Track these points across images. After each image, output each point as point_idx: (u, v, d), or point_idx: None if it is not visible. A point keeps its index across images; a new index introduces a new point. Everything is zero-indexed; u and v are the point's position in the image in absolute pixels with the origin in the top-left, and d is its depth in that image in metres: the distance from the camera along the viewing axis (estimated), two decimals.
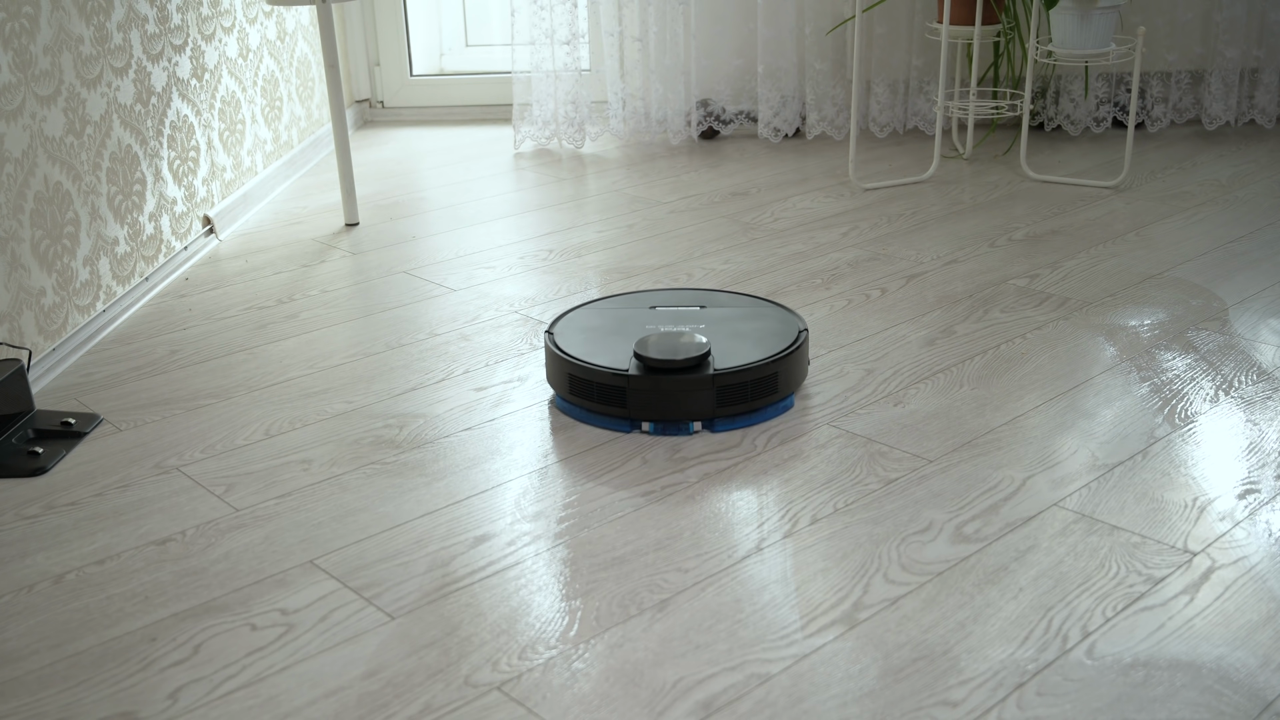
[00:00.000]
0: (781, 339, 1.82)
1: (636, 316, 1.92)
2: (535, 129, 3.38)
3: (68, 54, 2.11)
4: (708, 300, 1.97)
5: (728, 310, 1.93)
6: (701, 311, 1.92)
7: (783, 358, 1.76)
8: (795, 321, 1.88)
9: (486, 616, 1.33)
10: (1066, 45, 2.74)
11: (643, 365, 1.73)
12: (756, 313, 1.92)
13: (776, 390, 1.76)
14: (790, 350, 1.78)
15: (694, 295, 2.00)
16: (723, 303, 1.96)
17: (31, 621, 1.35)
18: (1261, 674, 1.19)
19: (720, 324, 1.88)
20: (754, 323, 1.89)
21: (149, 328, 2.21)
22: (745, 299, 1.99)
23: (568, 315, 1.94)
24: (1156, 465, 1.59)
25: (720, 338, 1.83)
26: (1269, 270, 2.26)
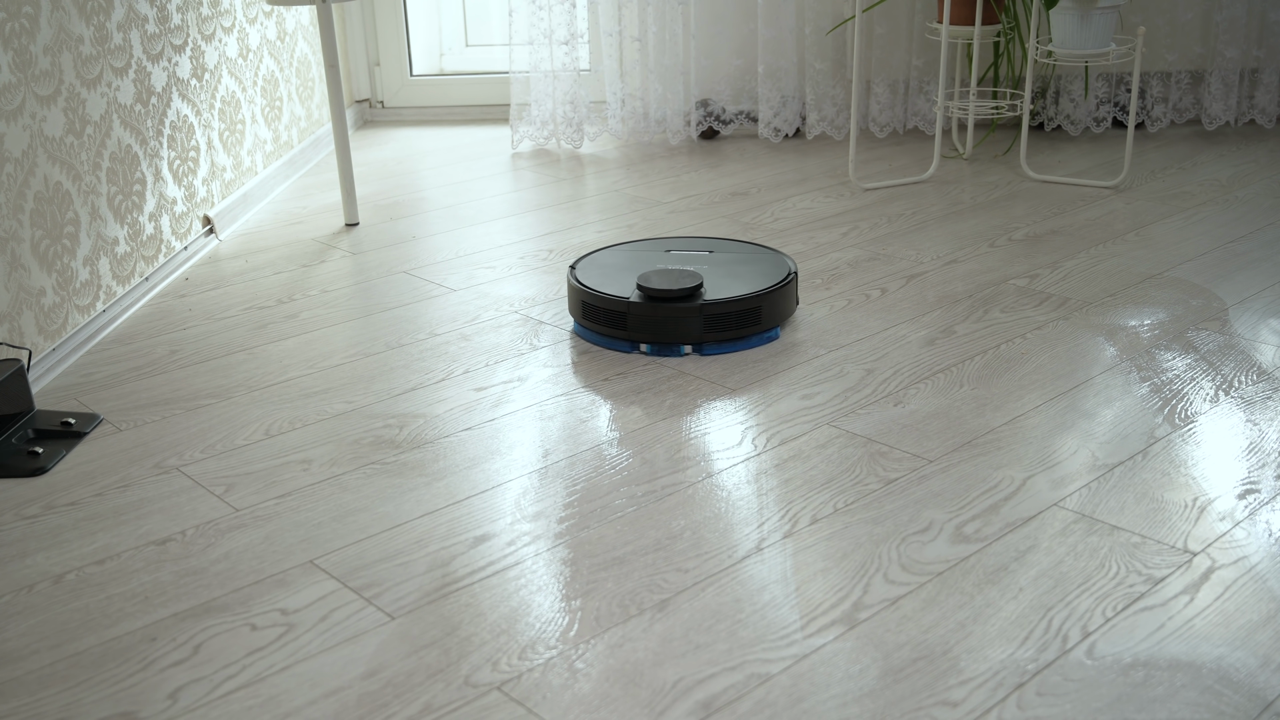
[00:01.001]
0: (770, 278, 2.06)
1: (650, 257, 2.18)
2: (533, 129, 3.38)
3: (68, 54, 2.11)
4: (717, 246, 2.21)
5: (732, 254, 2.18)
6: (709, 255, 2.17)
7: (767, 294, 2.00)
8: (788, 264, 2.12)
9: (486, 616, 1.33)
10: (1066, 45, 2.75)
11: (643, 294, 1.98)
12: (756, 257, 2.17)
13: (760, 322, 2.00)
14: (775, 288, 2.02)
15: (706, 242, 2.25)
16: (729, 249, 2.21)
17: (31, 621, 1.35)
18: (1261, 674, 1.19)
19: (722, 265, 2.13)
20: (751, 265, 2.12)
21: (149, 328, 2.21)
22: (751, 246, 2.23)
23: (591, 255, 2.20)
24: (1156, 465, 1.59)
25: (717, 276, 2.07)
26: (1269, 270, 2.26)
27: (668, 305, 1.95)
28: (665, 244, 2.21)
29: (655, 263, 2.13)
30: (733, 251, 2.19)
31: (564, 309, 2.22)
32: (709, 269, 2.10)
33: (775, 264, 2.12)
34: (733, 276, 2.06)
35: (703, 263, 2.13)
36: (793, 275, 2.07)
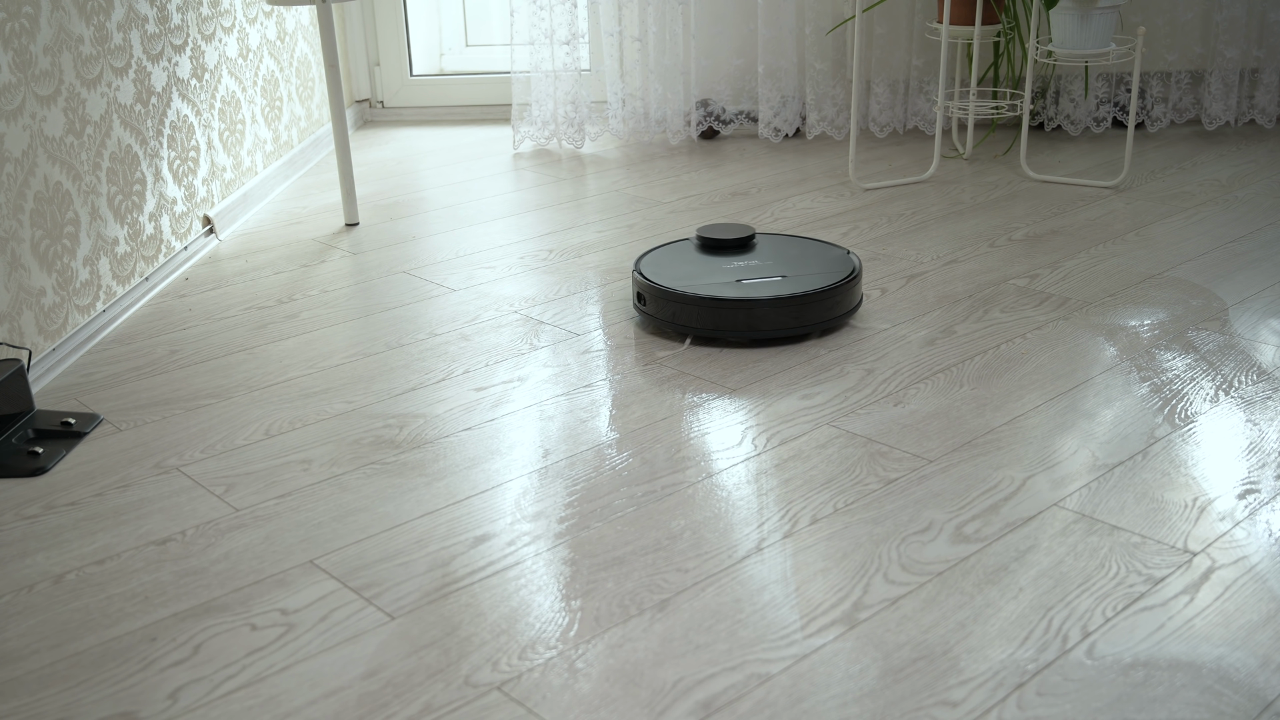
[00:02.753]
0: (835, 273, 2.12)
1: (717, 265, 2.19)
2: (534, 129, 3.38)
3: (68, 54, 2.11)
4: (788, 270, 2.13)
5: (784, 261, 2.18)
6: (774, 273, 2.13)
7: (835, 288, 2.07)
8: (850, 260, 2.17)
9: (486, 616, 1.33)
10: (1066, 45, 2.74)
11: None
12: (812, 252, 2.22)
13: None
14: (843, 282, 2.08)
15: (776, 266, 2.17)
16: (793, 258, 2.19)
17: (31, 621, 1.35)
18: (1261, 674, 1.19)
19: (772, 269, 2.15)
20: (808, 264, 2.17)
21: (149, 328, 2.21)
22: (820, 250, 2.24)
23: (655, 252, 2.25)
24: (1156, 465, 1.59)
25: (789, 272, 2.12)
26: (1269, 270, 2.26)
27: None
28: (735, 269, 2.15)
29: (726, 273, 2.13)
30: (797, 262, 2.16)
31: (564, 309, 2.22)
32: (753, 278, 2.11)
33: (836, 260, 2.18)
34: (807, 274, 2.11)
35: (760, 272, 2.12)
36: (856, 271, 2.11)
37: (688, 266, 2.14)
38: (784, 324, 2.01)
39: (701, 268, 2.13)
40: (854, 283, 2.08)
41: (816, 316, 2.02)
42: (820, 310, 2.02)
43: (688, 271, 2.11)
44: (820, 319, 2.03)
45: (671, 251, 2.22)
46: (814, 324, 2.02)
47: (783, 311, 2.00)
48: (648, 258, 2.19)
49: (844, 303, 2.06)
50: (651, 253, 2.22)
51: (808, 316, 2.01)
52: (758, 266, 2.12)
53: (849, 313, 2.08)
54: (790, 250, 2.20)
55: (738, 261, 2.15)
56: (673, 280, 2.07)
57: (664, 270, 2.12)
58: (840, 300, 2.05)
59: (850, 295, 2.07)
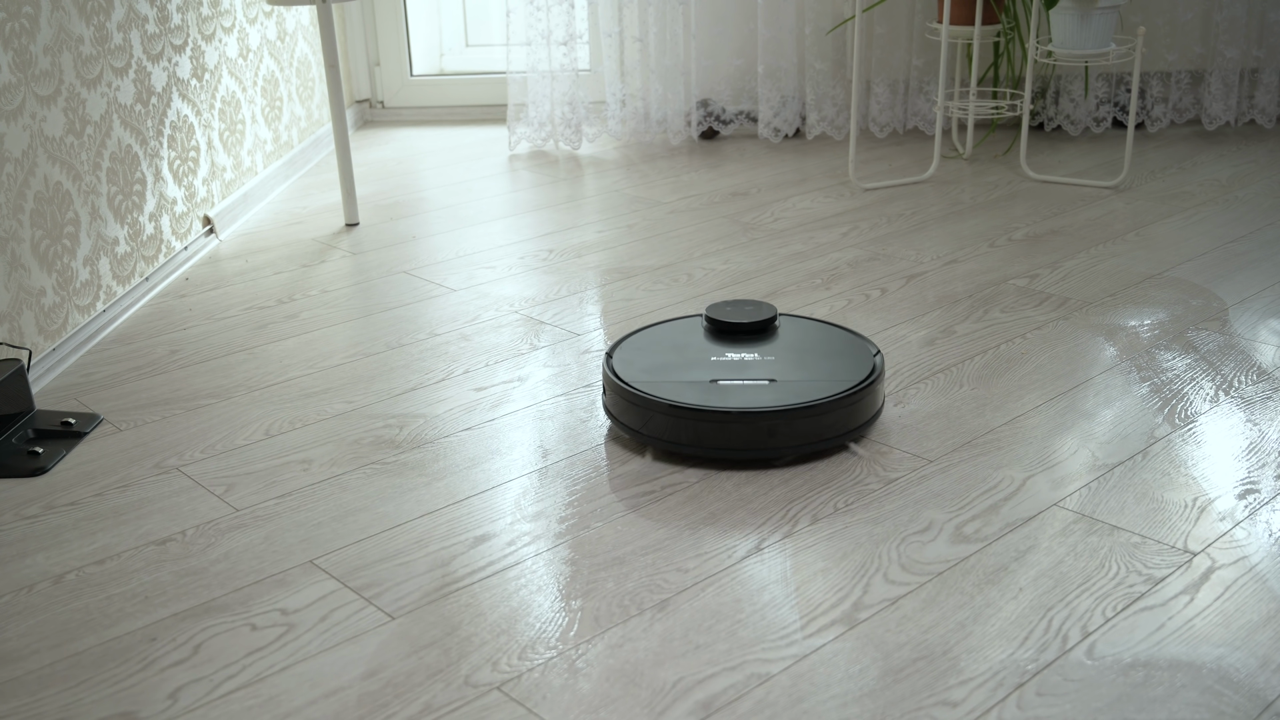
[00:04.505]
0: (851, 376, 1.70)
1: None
2: (531, 130, 3.38)
3: (68, 54, 2.11)
4: (779, 374, 1.71)
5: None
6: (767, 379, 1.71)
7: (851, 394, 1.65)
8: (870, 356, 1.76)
9: (486, 616, 1.33)
10: (1066, 45, 2.75)
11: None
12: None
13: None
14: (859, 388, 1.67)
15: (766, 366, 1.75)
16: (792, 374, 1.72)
17: (31, 621, 1.35)
18: (1261, 674, 1.19)
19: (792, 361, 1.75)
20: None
21: (149, 328, 2.21)
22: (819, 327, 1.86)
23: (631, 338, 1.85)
24: (1156, 465, 1.59)
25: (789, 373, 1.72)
26: (1269, 270, 2.26)
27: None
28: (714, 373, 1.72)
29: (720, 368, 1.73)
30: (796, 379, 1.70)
31: (564, 309, 2.22)
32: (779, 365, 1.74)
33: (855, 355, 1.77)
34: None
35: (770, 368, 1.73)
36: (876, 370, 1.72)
37: (671, 355, 1.76)
38: (751, 443, 1.61)
39: (687, 358, 1.75)
40: (861, 394, 1.66)
41: (791, 437, 1.62)
42: (798, 430, 1.61)
43: (666, 362, 1.74)
44: (796, 441, 1.62)
45: (667, 331, 1.85)
46: (787, 448, 1.62)
47: (750, 428, 1.61)
48: (634, 339, 1.83)
49: (835, 422, 1.63)
50: (642, 332, 1.86)
51: (783, 436, 1.61)
52: (752, 363, 1.73)
53: (846, 433, 1.65)
54: (808, 341, 1.80)
55: (737, 353, 1.76)
56: (641, 372, 1.71)
57: (641, 356, 1.76)
58: (830, 418, 1.63)
59: (850, 412, 1.65)
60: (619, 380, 1.69)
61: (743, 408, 1.61)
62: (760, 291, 2.26)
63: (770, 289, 2.27)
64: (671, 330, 1.85)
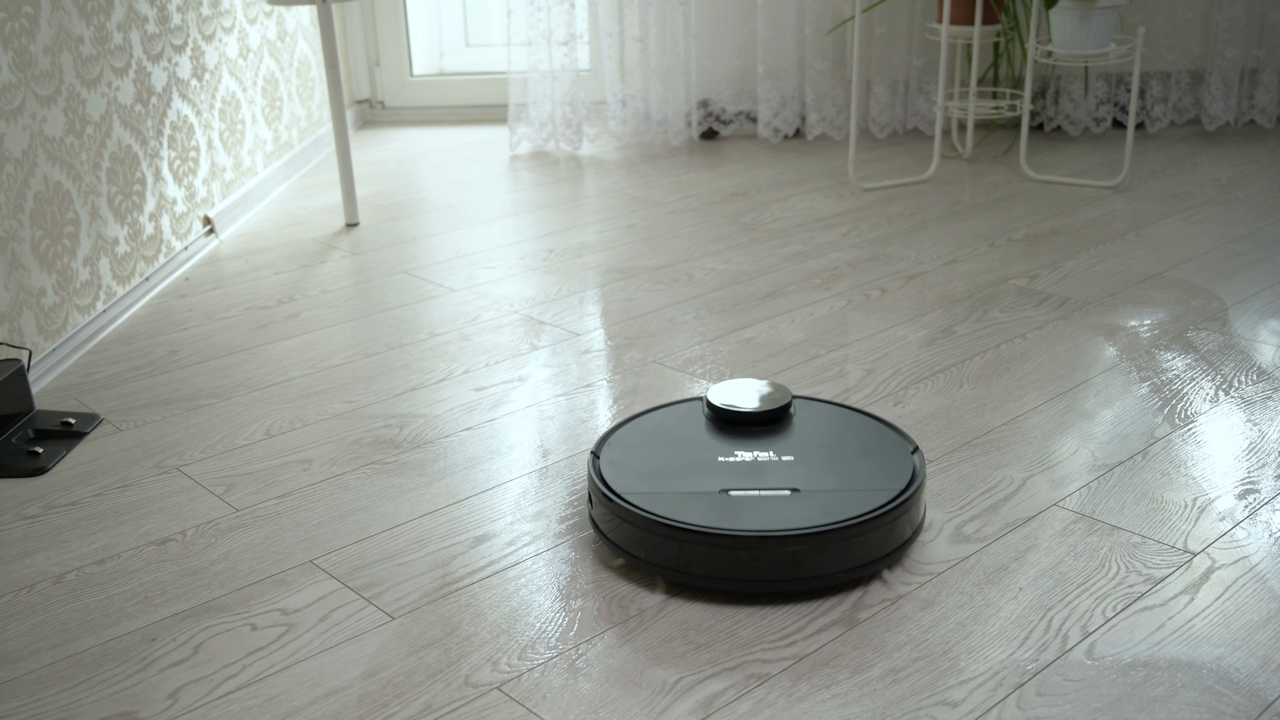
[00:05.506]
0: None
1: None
2: (532, 130, 3.38)
3: (68, 54, 2.11)
4: (801, 483, 1.43)
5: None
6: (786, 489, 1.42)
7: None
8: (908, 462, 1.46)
9: (486, 616, 1.33)
10: (1066, 45, 2.74)
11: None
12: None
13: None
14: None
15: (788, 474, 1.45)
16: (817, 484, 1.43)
17: (31, 621, 1.35)
18: (1261, 674, 1.19)
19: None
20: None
21: (149, 328, 2.21)
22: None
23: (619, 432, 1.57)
24: (1156, 465, 1.59)
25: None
26: (1269, 270, 2.26)
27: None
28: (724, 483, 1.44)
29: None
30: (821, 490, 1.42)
31: (564, 309, 2.22)
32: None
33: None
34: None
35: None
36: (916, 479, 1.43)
37: (671, 454, 1.48)
38: (771, 574, 1.33)
39: (689, 458, 1.47)
40: (904, 507, 1.38)
41: (822, 565, 1.33)
42: (830, 556, 1.33)
43: (666, 464, 1.46)
44: (827, 570, 1.34)
45: (663, 421, 1.57)
46: (818, 577, 1.34)
47: (766, 555, 1.33)
48: (626, 432, 1.55)
49: (877, 542, 1.36)
50: (634, 424, 1.57)
51: (810, 565, 1.33)
52: (767, 465, 1.45)
53: (886, 556, 1.37)
54: (830, 433, 1.53)
55: (748, 451, 1.48)
56: (636, 479, 1.43)
57: (635, 457, 1.48)
58: (871, 540, 1.35)
59: (893, 529, 1.37)
60: (609, 491, 1.41)
61: (764, 530, 1.32)
62: (760, 291, 2.26)
63: (770, 289, 2.27)
64: (668, 420, 1.57)
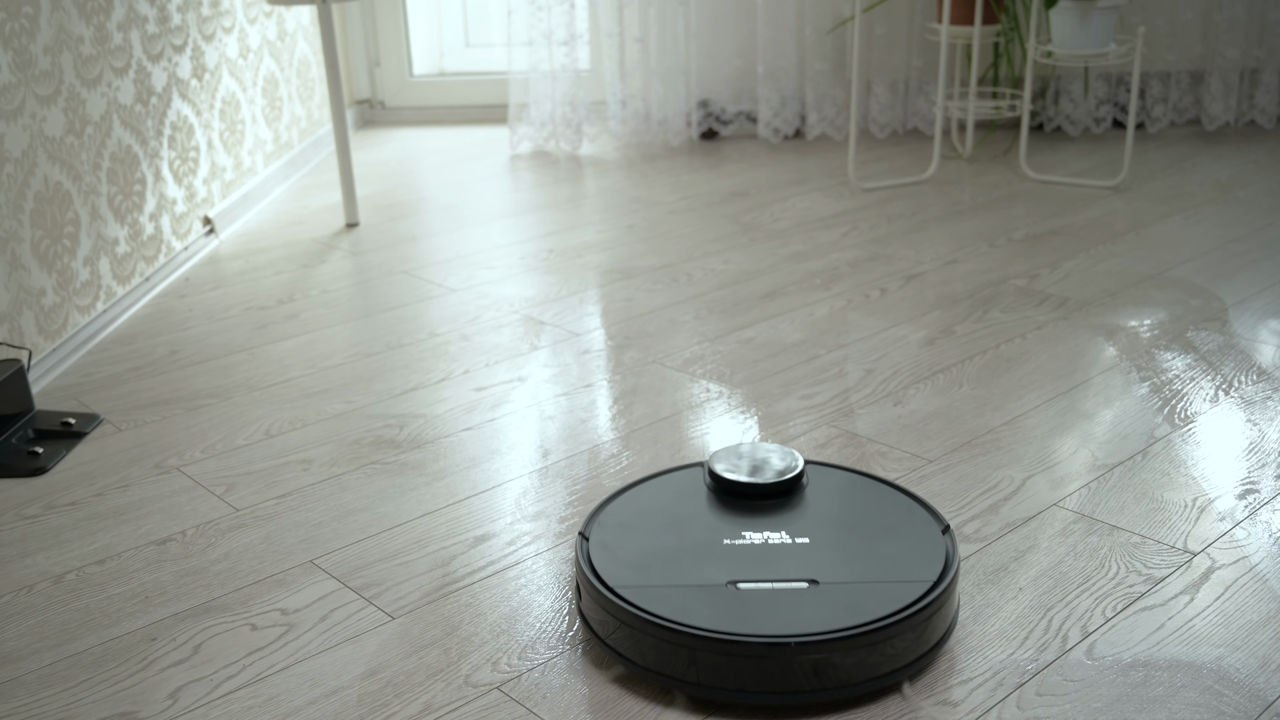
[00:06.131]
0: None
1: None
2: (532, 130, 3.38)
3: (68, 54, 2.11)
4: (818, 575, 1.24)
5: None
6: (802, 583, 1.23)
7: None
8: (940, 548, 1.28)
9: (486, 616, 1.33)
10: (1066, 45, 2.74)
11: None
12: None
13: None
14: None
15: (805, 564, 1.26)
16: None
17: (31, 621, 1.35)
18: (1261, 674, 1.19)
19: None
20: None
21: (149, 328, 2.21)
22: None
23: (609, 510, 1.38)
24: (1156, 465, 1.59)
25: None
26: (1269, 270, 2.26)
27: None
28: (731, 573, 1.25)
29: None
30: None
31: (564, 309, 2.22)
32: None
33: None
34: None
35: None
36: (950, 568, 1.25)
37: (668, 535, 1.30)
38: (788, 684, 1.15)
39: (690, 540, 1.29)
40: (940, 600, 1.21)
41: (848, 674, 1.16)
42: (859, 663, 1.16)
43: (663, 548, 1.28)
44: (854, 679, 1.17)
45: (659, 492, 1.38)
46: (843, 687, 1.16)
47: (779, 666, 1.15)
48: (617, 507, 1.36)
49: (911, 644, 1.19)
50: (626, 496, 1.38)
51: (833, 674, 1.16)
52: (779, 549, 1.27)
53: (916, 661, 1.20)
54: (849, 508, 1.35)
55: (758, 531, 1.30)
56: (629, 567, 1.25)
57: (628, 539, 1.29)
58: (905, 641, 1.18)
59: (928, 626, 1.20)
60: (599, 582, 1.23)
61: (776, 635, 1.14)
62: (760, 291, 2.26)
63: (770, 289, 2.27)
64: (666, 491, 1.39)
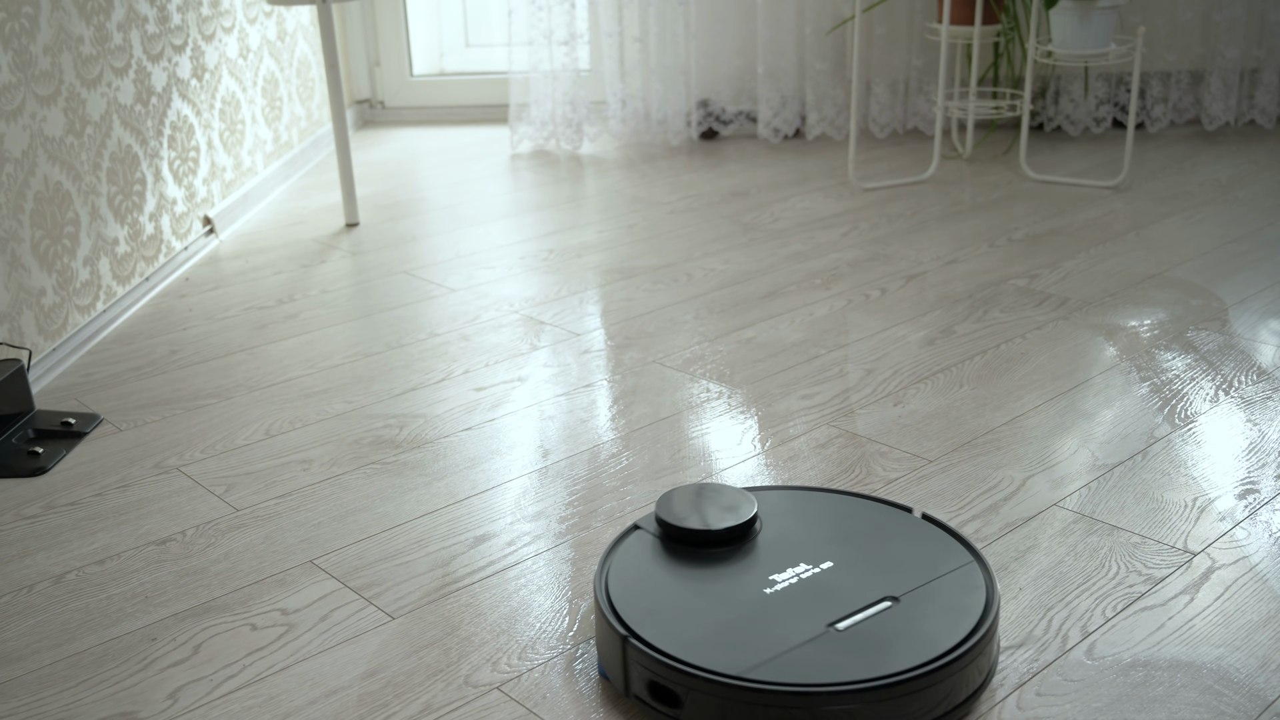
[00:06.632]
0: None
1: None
2: (533, 129, 3.38)
3: (68, 54, 2.11)
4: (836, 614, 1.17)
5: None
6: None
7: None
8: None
9: (486, 616, 1.33)
10: (1066, 45, 2.74)
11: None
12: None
13: None
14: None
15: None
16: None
17: (31, 621, 1.35)
18: (1261, 674, 1.19)
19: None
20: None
21: (149, 328, 2.21)
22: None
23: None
24: (1156, 465, 1.59)
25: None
26: (1269, 270, 2.26)
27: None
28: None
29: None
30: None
31: (564, 309, 2.22)
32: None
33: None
34: None
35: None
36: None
37: (711, 604, 1.19)
38: (958, 695, 1.11)
39: (731, 600, 1.19)
40: (988, 569, 1.21)
41: (980, 669, 1.13)
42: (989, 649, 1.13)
43: (721, 619, 1.16)
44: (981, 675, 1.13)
45: (637, 567, 1.25)
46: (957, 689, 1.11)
47: (957, 681, 1.11)
48: (624, 590, 1.22)
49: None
50: (625, 582, 1.23)
51: (975, 675, 1.13)
52: (822, 580, 1.21)
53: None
54: (816, 523, 1.31)
55: (778, 571, 1.23)
56: (713, 649, 1.12)
57: (676, 620, 1.17)
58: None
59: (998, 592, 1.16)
60: (722, 677, 1.09)
61: (942, 656, 1.09)
62: (760, 291, 2.26)
63: (770, 289, 2.27)
64: (638, 561, 1.27)
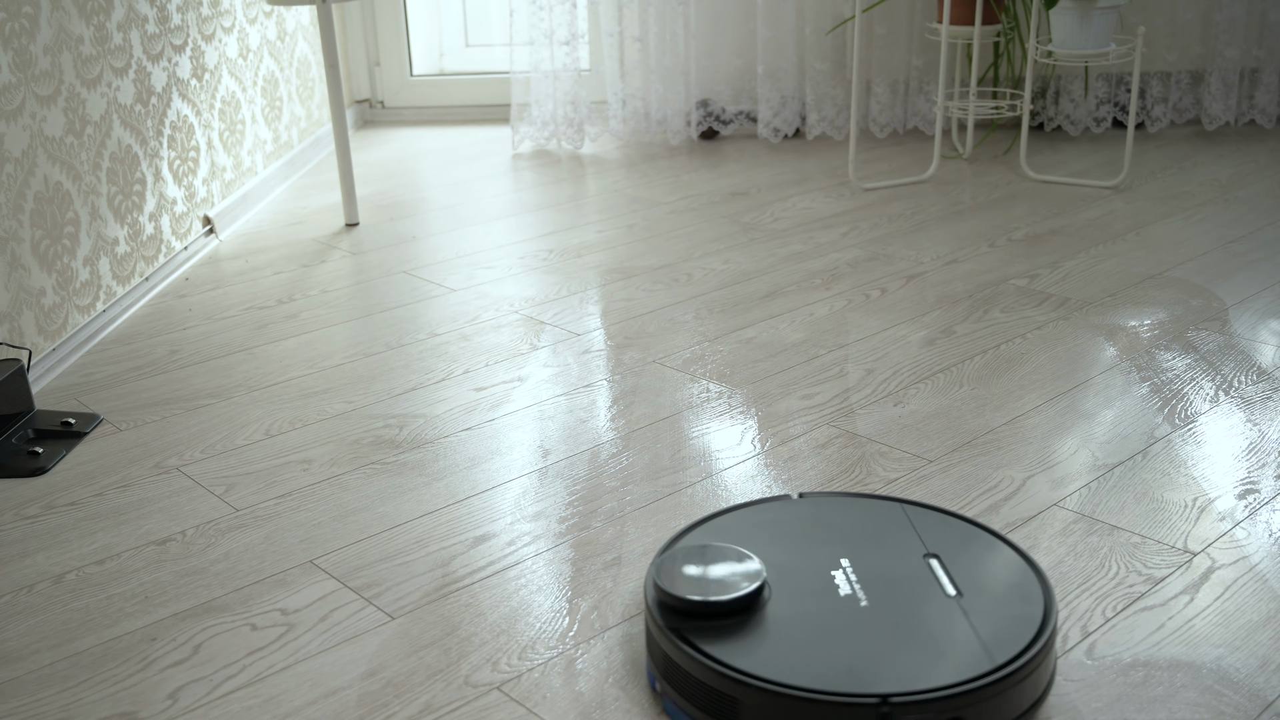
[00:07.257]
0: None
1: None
2: (534, 129, 3.38)
3: (68, 54, 2.11)
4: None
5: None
6: None
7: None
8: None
9: (486, 616, 1.33)
10: (1066, 45, 2.74)
11: None
12: None
13: None
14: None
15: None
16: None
17: (31, 621, 1.35)
18: (1261, 674, 1.19)
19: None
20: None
21: (149, 328, 2.21)
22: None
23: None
24: (1156, 465, 1.59)
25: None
26: (1269, 270, 2.26)
27: None
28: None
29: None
30: None
31: (564, 309, 2.22)
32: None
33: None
34: None
35: None
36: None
37: (804, 630, 1.14)
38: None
39: (827, 610, 1.16)
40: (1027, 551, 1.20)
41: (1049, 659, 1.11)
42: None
43: (827, 650, 1.11)
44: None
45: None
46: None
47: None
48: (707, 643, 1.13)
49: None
50: (711, 632, 1.14)
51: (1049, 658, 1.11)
52: (873, 579, 1.19)
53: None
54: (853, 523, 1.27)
55: (839, 574, 1.21)
56: (831, 672, 1.08)
57: (778, 649, 1.11)
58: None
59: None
60: (861, 699, 1.04)
61: (1026, 648, 1.06)
62: (760, 291, 2.26)
63: (770, 289, 2.27)
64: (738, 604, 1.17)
